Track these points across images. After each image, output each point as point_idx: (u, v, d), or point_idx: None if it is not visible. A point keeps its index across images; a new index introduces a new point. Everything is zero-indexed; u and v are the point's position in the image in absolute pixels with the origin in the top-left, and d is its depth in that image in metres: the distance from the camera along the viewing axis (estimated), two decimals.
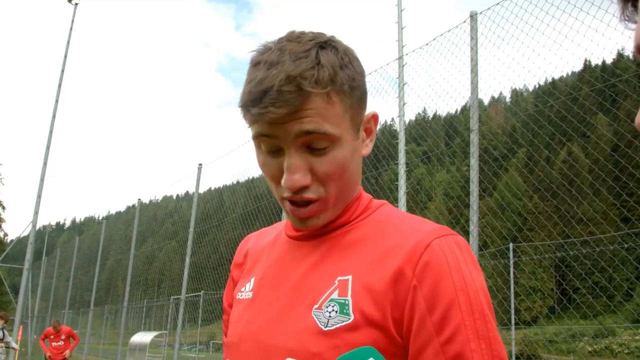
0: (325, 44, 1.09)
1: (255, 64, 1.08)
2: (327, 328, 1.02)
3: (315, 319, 1.05)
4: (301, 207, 1.11)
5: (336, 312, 1.03)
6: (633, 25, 0.64)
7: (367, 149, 1.20)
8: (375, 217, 1.17)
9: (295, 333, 1.06)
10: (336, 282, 1.08)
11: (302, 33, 1.12)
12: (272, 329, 1.11)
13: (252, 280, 1.26)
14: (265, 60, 1.05)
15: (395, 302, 1.01)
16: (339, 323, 1.02)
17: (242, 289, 1.28)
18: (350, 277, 1.07)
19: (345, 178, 1.12)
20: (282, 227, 1.33)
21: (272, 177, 1.12)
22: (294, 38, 1.09)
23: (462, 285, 1.00)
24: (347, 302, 1.04)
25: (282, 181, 1.08)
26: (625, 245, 23.41)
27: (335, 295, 1.06)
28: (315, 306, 1.07)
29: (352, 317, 1.02)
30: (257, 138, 1.09)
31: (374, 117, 1.20)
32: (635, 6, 0.65)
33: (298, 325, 1.07)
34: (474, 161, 5.76)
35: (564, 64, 5.70)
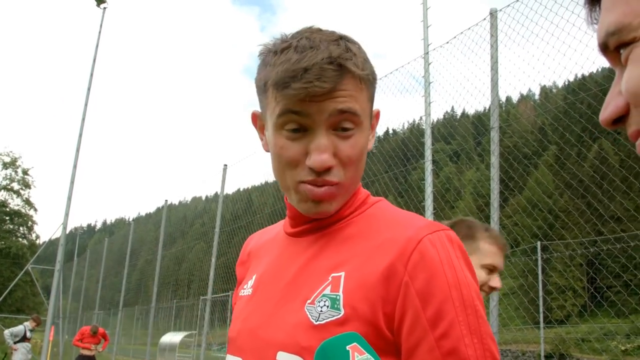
0: (344, 38, 1.14)
1: (282, 49, 1.10)
2: (318, 322, 1.05)
3: (308, 313, 1.07)
4: (321, 187, 1.13)
5: (327, 306, 1.06)
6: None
7: (370, 143, 1.23)
8: (370, 213, 1.20)
9: (287, 327, 1.09)
10: (330, 277, 1.10)
11: (318, 29, 1.15)
12: (267, 324, 1.14)
13: (254, 277, 1.30)
14: (296, 45, 1.09)
15: (386, 298, 1.03)
16: (329, 317, 1.04)
17: (245, 286, 1.31)
18: (343, 273, 1.09)
19: (359, 165, 1.16)
20: (282, 225, 1.36)
21: (291, 160, 1.13)
22: (315, 30, 1.13)
23: (455, 281, 1.01)
24: (338, 297, 1.06)
25: (309, 161, 1.10)
26: None
27: (327, 291, 1.08)
28: (309, 301, 1.09)
29: (342, 312, 1.04)
30: (285, 116, 1.10)
31: (378, 115, 1.25)
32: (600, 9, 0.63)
33: (291, 320, 1.09)
34: (494, 159, 5.74)
35: (589, 63, 5.61)
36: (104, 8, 17.79)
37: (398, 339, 1.02)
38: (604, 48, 0.61)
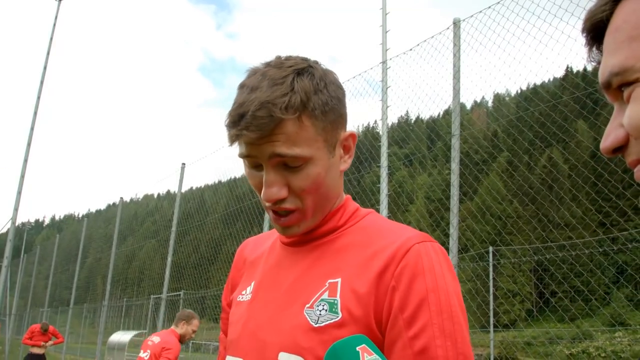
0: (303, 70, 1.19)
1: (240, 86, 1.19)
2: (318, 325, 1.13)
3: (307, 316, 1.16)
4: (282, 217, 1.22)
5: (326, 310, 1.14)
6: (597, 65, 0.74)
7: (345, 164, 1.29)
8: (362, 225, 1.28)
9: (288, 330, 1.17)
10: (327, 284, 1.18)
11: (287, 58, 1.23)
12: (268, 327, 1.22)
13: (252, 284, 1.37)
14: (248, 84, 1.17)
15: (376, 302, 1.11)
16: (328, 320, 1.13)
17: (243, 292, 1.38)
18: (339, 279, 1.17)
19: (321, 191, 1.22)
20: (277, 234, 1.42)
21: (256, 188, 1.23)
22: (277, 64, 1.20)
23: (434, 286, 1.09)
24: (336, 301, 1.14)
25: (262, 194, 1.19)
26: (601, 250, 23.64)
27: (325, 296, 1.16)
28: (307, 305, 1.17)
29: (340, 315, 1.12)
30: (240, 155, 1.20)
31: (352, 136, 1.29)
32: (599, 49, 0.74)
33: (291, 323, 1.17)
34: (454, 165, 5.85)
35: (543, 71, 5.84)
36: (59, 0, 17.50)
37: (384, 339, 1.11)
38: (607, 86, 0.71)
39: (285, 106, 1.12)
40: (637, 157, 0.68)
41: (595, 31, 0.73)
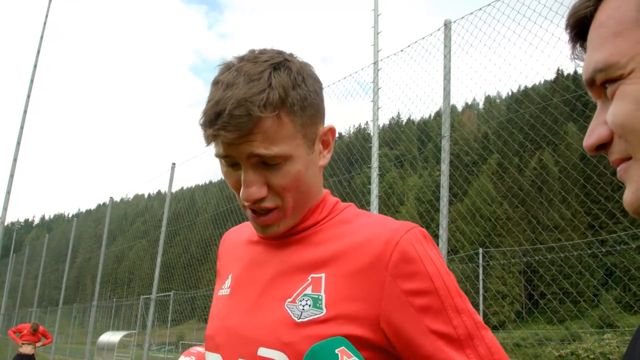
0: (280, 64, 1.14)
1: (215, 82, 1.15)
2: (300, 320, 1.10)
3: (289, 311, 1.13)
4: (261, 215, 1.19)
5: (309, 305, 1.11)
6: (581, 63, 0.73)
7: (324, 160, 1.26)
8: (341, 218, 1.25)
9: (268, 324, 1.14)
10: (309, 278, 1.15)
11: (262, 52, 1.18)
12: (247, 322, 1.19)
13: (230, 277, 1.33)
14: (222, 80, 1.12)
15: (367, 298, 1.09)
16: (311, 316, 1.10)
17: (223, 286, 1.35)
18: (323, 274, 1.14)
19: (301, 189, 1.19)
20: None
21: (234, 187, 1.20)
22: (251, 58, 1.15)
23: (435, 272, 1.10)
24: (320, 297, 1.12)
25: (240, 193, 1.16)
26: (589, 252, 23.76)
27: (309, 291, 1.14)
28: (289, 300, 1.14)
29: (324, 311, 1.10)
30: (217, 155, 1.16)
31: (331, 131, 1.26)
32: (583, 47, 0.74)
33: (271, 318, 1.14)
34: (444, 167, 5.86)
35: (534, 74, 5.85)
36: None
37: (388, 335, 1.09)
38: (591, 83, 0.71)
39: (263, 104, 1.08)
40: (620, 155, 0.68)
41: (579, 27, 0.73)
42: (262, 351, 1.12)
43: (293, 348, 1.08)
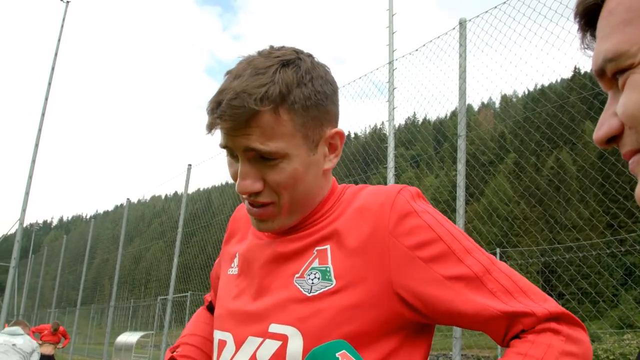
0: (290, 62, 1.14)
1: (226, 73, 1.15)
2: (312, 294, 1.11)
3: (298, 286, 1.14)
4: (255, 208, 1.19)
5: (318, 278, 1.12)
6: (591, 52, 0.70)
7: (330, 163, 1.24)
8: (342, 199, 1.24)
9: (279, 301, 1.14)
10: (315, 251, 1.16)
11: (278, 49, 1.18)
12: (257, 300, 1.19)
13: (237, 255, 1.34)
14: (232, 71, 1.13)
15: (374, 264, 1.10)
16: (322, 288, 1.11)
17: (232, 265, 1.35)
18: (328, 246, 1.15)
19: (299, 188, 1.17)
20: None
21: (233, 178, 1.21)
22: (265, 53, 1.16)
23: (434, 221, 1.11)
24: (328, 269, 1.13)
25: (236, 185, 1.16)
26: (608, 252, 23.58)
27: (315, 264, 1.14)
28: (297, 275, 1.15)
29: (334, 282, 1.11)
30: (220, 146, 1.18)
31: (339, 134, 1.23)
32: (593, 35, 0.70)
33: (281, 294, 1.15)
34: (461, 166, 5.85)
35: (550, 72, 5.82)
36: (67, 2, 17.57)
37: (401, 295, 1.09)
38: (601, 73, 0.67)
39: (260, 97, 1.07)
40: (631, 147, 0.65)
41: (588, 15, 0.70)
42: (274, 327, 1.12)
43: (305, 322, 1.09)
